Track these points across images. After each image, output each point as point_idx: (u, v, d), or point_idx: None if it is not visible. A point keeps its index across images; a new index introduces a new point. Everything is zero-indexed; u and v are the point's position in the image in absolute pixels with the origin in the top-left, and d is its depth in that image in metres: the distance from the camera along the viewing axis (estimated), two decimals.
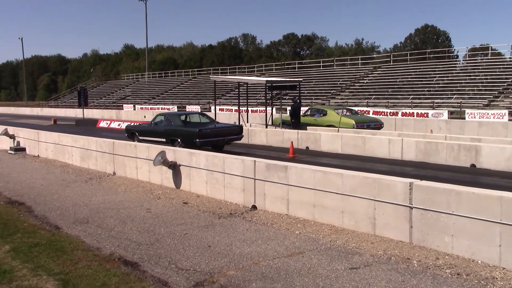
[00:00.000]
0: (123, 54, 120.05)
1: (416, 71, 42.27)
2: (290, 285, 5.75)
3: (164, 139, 17.56)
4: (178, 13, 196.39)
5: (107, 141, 14.57)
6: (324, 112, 24.06)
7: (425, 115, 30.40)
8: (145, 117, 41.17)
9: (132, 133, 19.63)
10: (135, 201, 10.53)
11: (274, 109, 27.42)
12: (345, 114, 23.45)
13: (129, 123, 25.61)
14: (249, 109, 30.66)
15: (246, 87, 30.58)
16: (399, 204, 7.20)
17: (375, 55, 69.00)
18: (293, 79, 36.80)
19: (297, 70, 56.98)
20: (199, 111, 40.48)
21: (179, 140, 17.00)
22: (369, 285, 5.69)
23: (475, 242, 6.35)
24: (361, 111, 30.17)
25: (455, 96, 34.59)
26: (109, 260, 6.64)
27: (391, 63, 48.35)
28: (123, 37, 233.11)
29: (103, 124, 37.55)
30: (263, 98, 32.90)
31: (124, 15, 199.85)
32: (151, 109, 50.20)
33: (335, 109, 24.87)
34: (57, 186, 12.48)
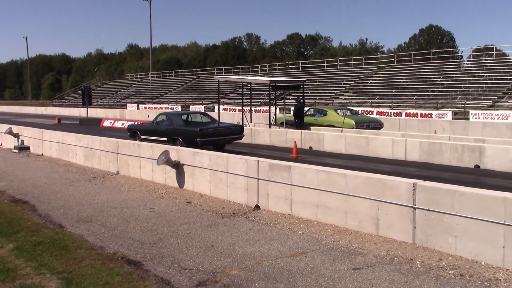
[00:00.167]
0: (127, 53, 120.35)
1: (420, 72, 42.20)
2: (292, 285, 5.74)
3: (165, 138, 17.65)
4: (182, 13, 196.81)
5: (110, 140, 14.60)
6: (324, 112, 24.09)
7: (429, 115, 30.34)
8: (148, 116, 41.20)
9: (134, 132, 19.75)
10: (138, 200, 10.54)
11: (277, 109, 27.40)
12: (345, 114, 23.49)
13: (132, 123, 25.70)
14: (253, 109, 30.66)
15: (249, 87, 30.55)
16: (402, 204, 7.18)
17: (379, 55, 69.01)
18: (296, 79, 36.77)
19: (301, 70, 56.97)
20: (203, 110, 40.57)
21: (181, 139, 17.08)
22: (372, 286, 5.68)
23: (478, 243, 6.33)
24: (361, 111, 30.26)
25: (459, 96, 34.49)
26: (112, 259, 6.65)
27: (395, 64, 48.26)
28: (127, 37, 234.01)
29: (107, 123, 37.64)
30: (267, 98, 32.88)
31: (128, 15, 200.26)
32: (154, 108, 50.27)
33: (335, 109, 24.91)
34: (61, 185, 12.51)
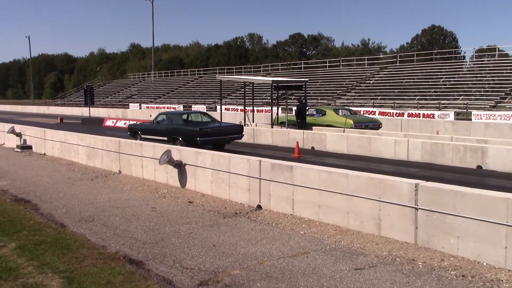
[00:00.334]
0: (129, 53, 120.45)
1: (422, 72, 42.13)
2: (294, 285, 5.74)
3: (165, 138, 17.71)
4: (184, 13, 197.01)
5: (113, 140, 14.61)
6: (323, 112, 24.13)
7: (431, 116, 30.29)
8: (150, 116, 41.18)
9: (134, 132, 19.84)
10: (140, 200, 10.56)
11: (280, 109, 27.40)
12: (344, 114, 23.60)
13: (133, 122, 25.75)
14: (255, 109, 30.66)
15: (252, 87, 30.57)
16: (404, 205, 7.17)
17: (381, 56, 68.89)
18: (299, 79, 36.75)
19: (303, 70, 56.94)
20: (205, 110, 40.60)
21: (181, 138, 17.15)
22: (373, 286, 5.68)
23: (480, 244, 6.33)
24: (363, 112, 30.34)
25: (462, 97, 34.43)
26: (114, 258, 6.66)
27: (398, 64, 48.19)
28: (129, 36, 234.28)
29: (109, 122, 37.68)
30: (269, 98, 32.88)
31: (130, 14, 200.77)
32: (157, 108, 50.29)
33: (334, 109, 24.96)
34: (63, 184, 12.53)
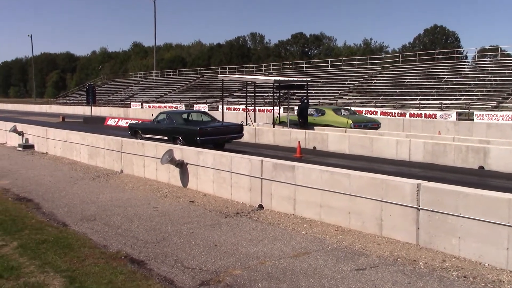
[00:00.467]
0: (131, 52, 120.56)
1: (424, 72, 42.10)
2: (296, 285, 5.74)
3: (166, 137, 17.76)
4: (186, 12, 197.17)
5: (115, 139, 14.63)
6: (322, 112, 24.15)
7: (433, 116, 30.26)
8: (152, 115, 41.23)
9: (135, 131, 19.91)
10: (142, 199, 10.56)
11: (281, 108, 27.39)
12: (343, 114, 23.65)
13: (133, 121, 25.80)
14: (257, 108, 30.66)
15: (253, 86, 30.59)
16: (406, 205, 7.17)
17: (383, 55, 68.87)
18: (300, 79, 36.75)
19: (305, 69, 56.94)
20: (207, 110, 40.63)
21: (181, 138, 17.20)
22: (375, 287, 5.67)
23: (482, 244, 6.32)
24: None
25: (464, 97, 34.40)
26: (116, 257, 6.67)
27: (400, 64, 48.14)
28: (131, 35, 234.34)
29: (111, 122, 37.69)
30: (271, 97, 32.88)
31: (133, 13, 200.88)
32: (159, 107, 50.31)
33: (334, 109, 24.97)
34: (65, 183, 12.55)
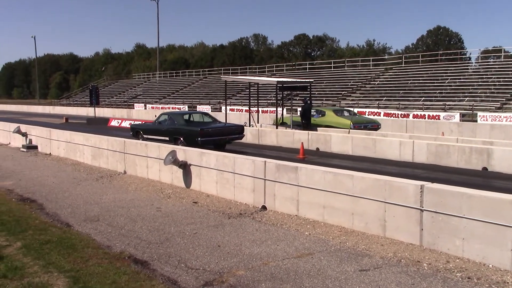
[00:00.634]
0: (134, 53, 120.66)
1: (427, 73, 42.04)
2: (299, 286, 5.74)
3: (167, 138, 17.84)
4: (189, 13, 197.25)
5: (118, 140, 14.65)
6: (322, 113, 24.17)
7: (437, 117, 30.21)
8: (155, 116, 41.30)
9: (137, 132, 20.03)
10: (145, 200, 10.58)
11: (284, 109, 27.38)
12: (343, 115, 23.67)
13: (134, 122, 25.87)
14: (260, 109, 30.65)
15: (257, 88, 30.55)
16: (410, 206, 7.16)
17: (386, 57, 68.76)
18: (304, 80, 36.75)
19: (308, 71, 56.94)
20: (210, 111, 40.67)
21: (182, 138, 17.26)
22: (378, 287, 5.67)
23: (486, 246, 6.30)
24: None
25: (467, 98, 34.34)
26: (119, 258, 6.68)
27: (403, 65, 48.09)
28: (134, 36, 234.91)
29: (114, 123, 37.76)
30: (274, 98, 32.88)
31: (136, 15, 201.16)
32: (162, 108, 50.37)
33: (334, 110, 25.01)
34: (69, 184, 12.57)
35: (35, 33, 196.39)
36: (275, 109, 26.19)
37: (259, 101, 30.59)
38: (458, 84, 37.81)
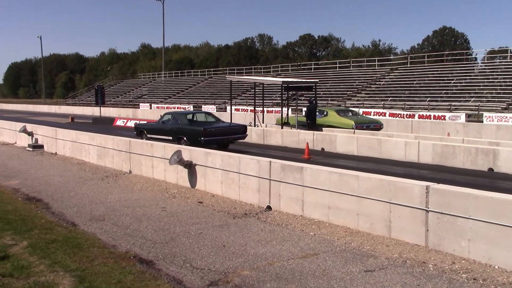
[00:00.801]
0: (140, 53, 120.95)
1: (433, 73, 41.90)
2: (304, 286, 5.74)
3: (171, 137, 17.92)
4: (195, 13, 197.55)
5: (123, 140, 14.69)
6: (325, 113, 24.13)
7: (442, 117, 30.10)
8: (161, 116, 41.39)
9: (140, 131, 20.20)
10: (150, 200, 10.60)
11: (289, 110, 27.39)
12: (345, 115, 23.65)
13: (138, 122, 25.98)
14: (265, 109, 30.65)
15: (262, 88, 30.54)
16: (415, 207, 7.14)
17: (392, 57, 68.60)
18: (309, 80, 36.70)
19: (313, 71, 56.86)
20: (215, 110, 40.72)
21: (185, 138, 17.33)
22: None
23: (492, 247, 6.28)
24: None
25: (473, 99, 34.20)
26: (125, 258, 6.70)
27: (408, 65, 47.95)
28: (140, 36, 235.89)
29: (119, 122, 37.86)
30: (279, 98, 32.86)
31: (141, 15, 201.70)
32: (167, 108, 50.46)
33: (336, 110, 24.98)
34: (74, 183, 12.62)
35: (41, 33, 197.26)
36: (280, 109, 26.18)
37: (264, 101, 30.58)
38: (464, 84, 37.67)
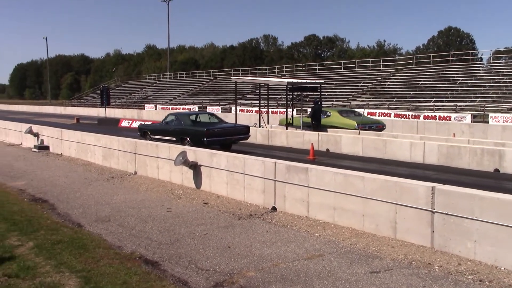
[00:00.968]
0: (145, 54, 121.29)
1: (438, 74, 41.79)
2: (309, 287, 5.73)
3: (174, 138, 18.00)
4: (199, 14, 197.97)
5: (128, 141, 14.72)
6: (327, 113, 24.10)
7: (448, 118, 30.01)
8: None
9: (144, 132, 20.30)
10: (156, 201, 10.62)
11: (294, 110, 27.37)
12: (348, 115, 23.63)
13: (142, 122, 26.05)
14: (270, 110, 30.66)
15: (267, 88, 30.58)
16: (420, 208, 7.12)
17: (397, 57, 68.44)
18: (314, 81, 36.67)
19: (318, 71, 56.81)
20: (220, 111, 40.77)
21: (188, 138, 17.41)
22: None
23: (498, 248, 6.25)
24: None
25: (479, 99, 34.09)
26: (130, 258, 6.71)
27: (414, 66, 47.85)
28: (145, 37, 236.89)
29: (125, 123, 37.93)
30: (284, 99, 32.86)
31: (146, 16, 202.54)
32: (172, 109, 50.56)
33: (339, 110, 24.96)
34: (80, 184, 12.65)
35: (47, 34, 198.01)
36: (285, 110, 26.17)
37: (269, 102, 30.61)
38: (469, 85, 37.56)
